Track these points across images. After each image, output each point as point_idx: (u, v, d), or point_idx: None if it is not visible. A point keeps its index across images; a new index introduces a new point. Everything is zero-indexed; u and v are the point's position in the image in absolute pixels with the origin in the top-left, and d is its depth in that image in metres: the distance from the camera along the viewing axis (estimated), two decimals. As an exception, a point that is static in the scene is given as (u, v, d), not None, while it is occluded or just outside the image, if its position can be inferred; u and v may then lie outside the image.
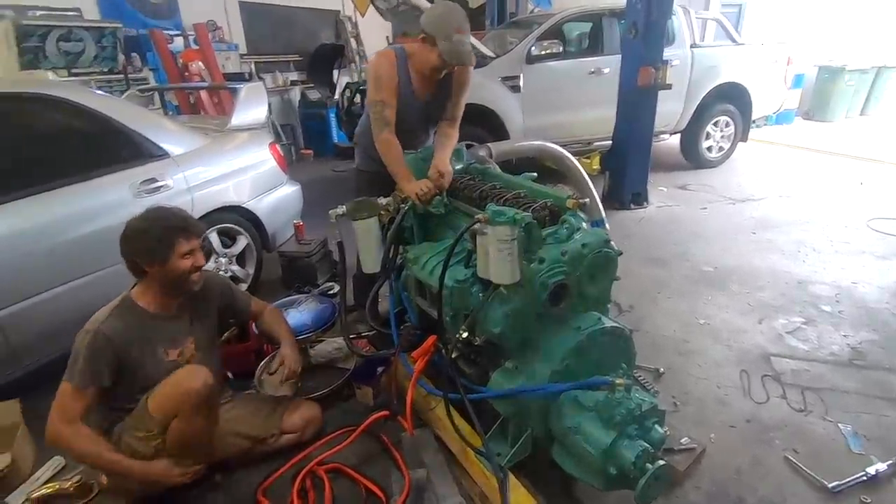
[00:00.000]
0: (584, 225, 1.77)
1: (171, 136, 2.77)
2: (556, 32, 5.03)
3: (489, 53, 4.86)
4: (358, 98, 5.21)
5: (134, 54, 5.47)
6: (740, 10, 9.87)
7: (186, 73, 5.61)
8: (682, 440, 1.89)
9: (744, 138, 6.02)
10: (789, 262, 3.52)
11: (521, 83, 4.79)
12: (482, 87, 4.67)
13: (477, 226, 1.51)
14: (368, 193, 2.17)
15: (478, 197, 1.96)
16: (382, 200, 2.11)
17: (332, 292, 3.00)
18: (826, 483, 1.73)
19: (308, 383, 2.19)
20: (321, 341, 2.39)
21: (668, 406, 2.13)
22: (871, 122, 8.71)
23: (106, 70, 5.04)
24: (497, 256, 1.47)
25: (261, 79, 6.79)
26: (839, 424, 2.02)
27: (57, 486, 1.73)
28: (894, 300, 2.99)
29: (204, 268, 1.73)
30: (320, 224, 2.74)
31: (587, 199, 1.87)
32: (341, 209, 2.10)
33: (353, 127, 2.67)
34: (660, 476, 1.40)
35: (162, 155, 2.65)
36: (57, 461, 1.90)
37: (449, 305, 1.68)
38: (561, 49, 4.90)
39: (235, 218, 3.00)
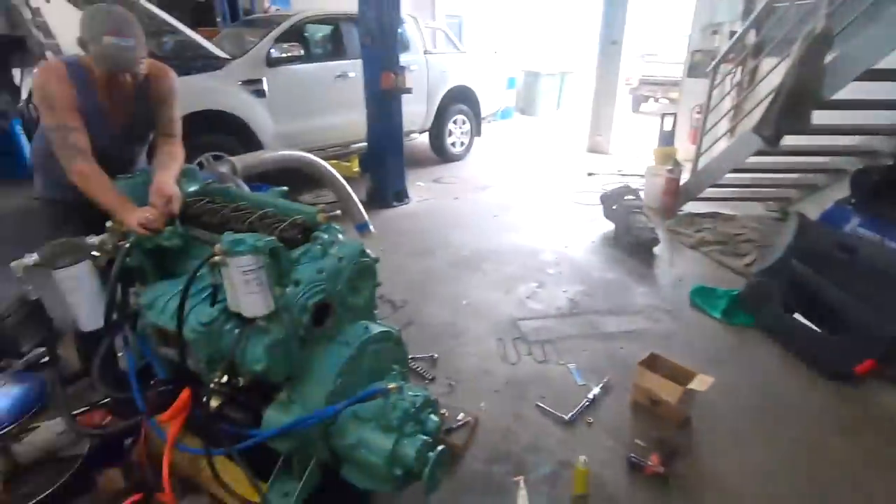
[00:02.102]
0: (341, 237, 1.76)
1: None
2: (296, 34, 4.89)
3: (223, 55, 4.43)
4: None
5: None
6: (460, 21, 11.32)
7: None
8: (459, 416, 2.09)
9: (478, 133, 6.96)
10: (523, 236, 4.23)
11: (266, 87, 4.53)
12: (218, 92, 4.27)
13: (216, 258, 1.35)
14: (69, 228, 1.74)
15: (219, 222, 1.76)
16: (94, 239, 1.72)
17: (45, 361, 2.33)
18: (564, 417, 2.15)
19: (23, 488, 1.67)
20: (34, 429, 1.84)
21: (445, 388, 2.33)
22: (564, 114, 11.11)
23: None
24: (245, 289, 1.35)
25: None
26: (568, 365, 2.53)
27: None
28: (592, 256, 3.89)
29: None
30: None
31: (339, 212, 1.87)
32: (32, 258, 1.64)
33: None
34: (441, 460, 1.51)
35: None
36: None
37: (199, 352, 1.47)
38: (303, 52, 4.80)
39: None
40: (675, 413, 2.11)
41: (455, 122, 6.55)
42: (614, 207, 4.28)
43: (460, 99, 6.46)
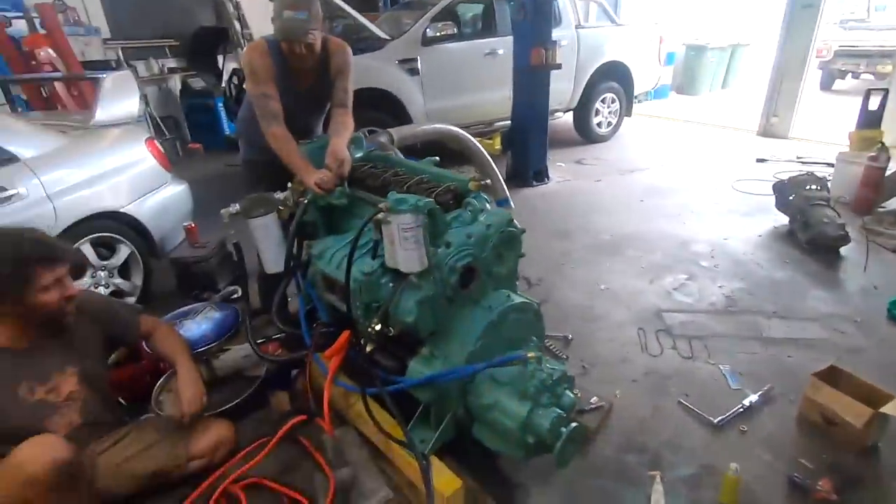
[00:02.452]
0: (488, 206, 1.80)
1: (19, 137, 2.40)
2: (449, 13, 5.03)
3: (384, 36, 4.74)
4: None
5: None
6: (617, -8, 10.54)
7: (33, 62, 4.86)
8: (592, 400, 2.03)
9: (628, 113, 6.50)
10: (673, 224, 3.88)
11: (420, 66, 4.75)
12: (379, 71, 4.58)
13: (380, 215, 1.47)
14: (262, 186, 2.05)
15: (380, 185, 1.91)
16: (280, 195, 1.99)
17: (235, 297, 2.80)
18: (712, 419, 1.96)
19: (216, 396, 2.03)
20: (227, 350, 2.23)
21: (578, 370, 2.27)
22: (731, 93, 9.82)
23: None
24: (403, 245, 1.45)
25: (131, 66, 6.08)
26: (720, 366, 2.29)
27: None
28: (757, 251, 3.42)
29: (81, 284, 1.53)
30: (217, 224, 2.53)
31: (489, 181, 1.90)
32: (234, 207, 1.96)
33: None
34: (574, 437, 1.48)
35: (9, 159, 2.29)
36: None
37: (359, 299, 1.63)
38: (456, 31, 4.92)
39: (113, 225, 2.68)
40: (857, 437, 1.79)
41: (603, 101, 6.19)
42: (791, 198, 3.69)
43: (611, 76, 6.07)
